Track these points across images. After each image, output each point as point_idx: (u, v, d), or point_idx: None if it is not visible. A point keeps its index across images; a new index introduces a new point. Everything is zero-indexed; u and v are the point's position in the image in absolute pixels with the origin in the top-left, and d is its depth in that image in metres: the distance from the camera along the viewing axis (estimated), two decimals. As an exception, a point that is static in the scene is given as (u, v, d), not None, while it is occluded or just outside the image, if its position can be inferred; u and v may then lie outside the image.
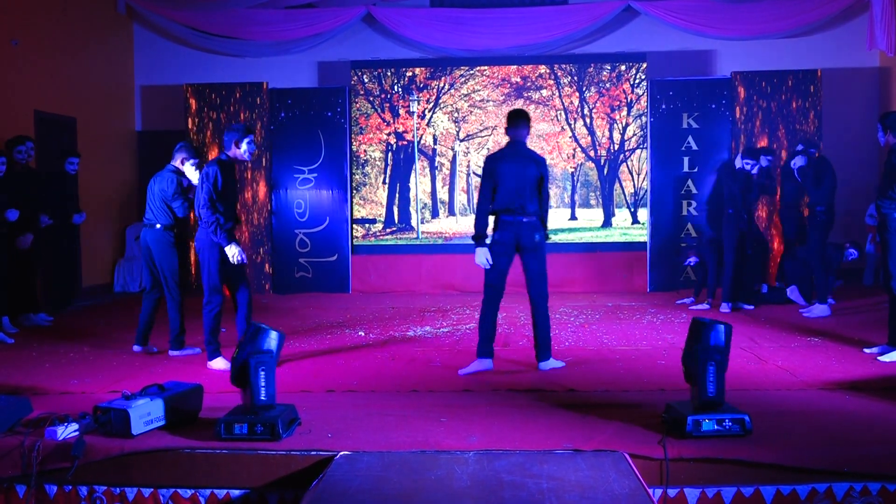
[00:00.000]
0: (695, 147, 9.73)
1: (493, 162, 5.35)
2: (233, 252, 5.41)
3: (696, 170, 9.71)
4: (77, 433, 3.81)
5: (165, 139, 10.84)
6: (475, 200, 10.24)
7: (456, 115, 10.19)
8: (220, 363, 5.52)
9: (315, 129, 10.02)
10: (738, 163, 7.90)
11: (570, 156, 10.13)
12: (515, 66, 10.15)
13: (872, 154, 9.71)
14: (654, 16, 10.12)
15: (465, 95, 10.18)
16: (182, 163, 6.29)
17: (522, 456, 3.56)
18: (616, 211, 10.08)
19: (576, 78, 10.07)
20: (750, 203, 7.88)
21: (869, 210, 9.41)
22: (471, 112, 10.20)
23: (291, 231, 10.04)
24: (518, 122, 5.41)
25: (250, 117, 9.95)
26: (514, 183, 5.26)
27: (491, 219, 5.46)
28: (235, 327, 5.69)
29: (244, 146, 5.51)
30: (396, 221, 10.25)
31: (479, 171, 10.19)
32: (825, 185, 7.36)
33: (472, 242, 5.46)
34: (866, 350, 5.67)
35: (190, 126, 10.01)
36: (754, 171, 7.87)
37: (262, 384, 3.80)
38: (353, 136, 10.16)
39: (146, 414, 3.87)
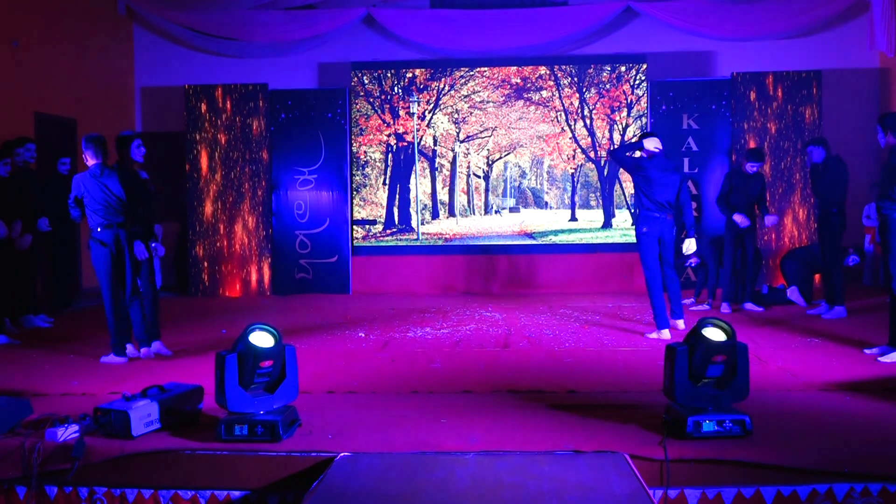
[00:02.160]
0: (695, 148, 9.74)
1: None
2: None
3: (696, 171, 9.72)
4: (77, 434, 3.82)
5: (165, 140, 10.89)
6: (475, 201, 10.29)
7: (456, 116, 10.20)
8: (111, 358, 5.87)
9: (315, 131, 10.02)
10: (749, 168, 7.84)
11: (570, 157, 10.13)
12: (515, 68, 10.15)
13: (872, 155, 9.71)
14: (654, 17, 10.13)
15: (465, 97, 10.19)
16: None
17: (523, 457, 3.57)
18: (616, 212, 10.08)
19: (576, 79, 10.08)
20: (744, 205, 7.84)
21: (865, 211, 9.42)
22: (471, 113, 10.20)
23: (291, 232, 10.04)
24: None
25: (250, 118, 9.96)
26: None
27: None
28: (232, 328, 5.67)
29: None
30: (396, 222, 10.25)
31: (479, 173, 10.26)
32: (841, 187, 7.32)
33: (473, 244, 5.63)
34: (866, 351, 5.67)
35: (190, 127, 10.01)
36: (753, 171, 7.84)
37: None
38: (353, 137, 10.16)
39: (146, 415, 3.87)
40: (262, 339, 3.80)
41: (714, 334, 3.78)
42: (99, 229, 5.90)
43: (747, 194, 7.81)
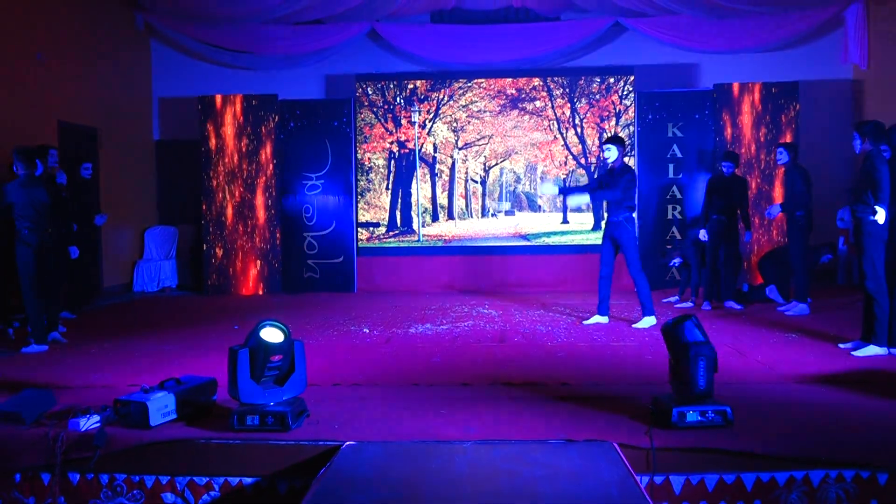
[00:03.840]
0: (679, 155, 9.74)
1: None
2: None
3: (680, 176, 9.73)
4: (98, 425, 3.81)
5: (182, 148, 10.90)
6: (473, 205, 10.29)
7: (455, 124, 10.20)
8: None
9: (322, 138, 10.02)
10: (724, 168, 7.90)
11: (562, 163, 10.14)
12: (511, 79, 10.16)
13: (846, 161, 9.71)
14: (642, 31, 10.14)
15: (464, 106, 10.19)
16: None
17: (518, 445, 3.56)
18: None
19: (567, 90, 10.08)
20: (724, 208, 7.85)
21: (839, 214, 9.42)
22: (469, 122, 10.20)
23: (300, 234, 10.04)
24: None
25: (261, 126, 9.95)
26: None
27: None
28: (242, 324, 5.67)
29: None
30: (399, 225, 10.25)
31: (477, 178, 10.26)
32: (804, 190, 7.31)
33: (471, 245, 5.64)
34: (841, 345, 5.67)
35: (205, 135, 10.01)
36: (728, 172, 7.87)
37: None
38: (357, 144, 10.16)
39: (164, 406, 3.87)
40: (272, 334, 3.80)
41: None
42: (26, 232, 6.15)
43: (728, 196, 7.83)
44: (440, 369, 5.24)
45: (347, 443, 3.62)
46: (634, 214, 6.98)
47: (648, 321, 6.78)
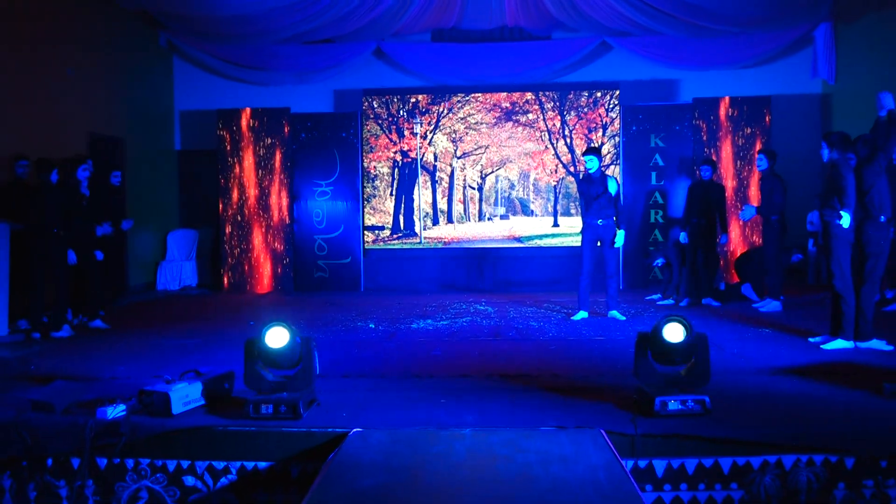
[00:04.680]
0: (661, 163, 9.75)
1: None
2: None
3: (662, 183, 9.72)
4: (124, 413, 3.81)
5: (201, 157, 10.90)
6: (471, 210, 10.29)
7: (454, 135, 10.20)
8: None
9: (331, 149, 10.02)
10: (702, 173, 7.90)
11: (552, 171, 10.13)
12: (505, 93, 10.16)
13: (815, 169, 9.71)
14: (627, 49, 10.16)
15: (462, 119, 10.19)
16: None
17: (512, 433, 3.56)
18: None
19: (558, 103, 10.08)
20: (702, 211, 7.83)
21: (809, 217, 9.43)
22: (467, 133, 10.20)
23: (311, 237, 10.04)
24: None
25: (274, 137, 9.95)
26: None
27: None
28: (257, 320, 5.67)
29: None
30: (402, 228, 10.25)
31: (474, 185, 10.26)
32: (781, 198, 7.29)
33: (468, 247, 5.67)
34: (811, 339, 5.67)
35: (223, 145, 10.00)
36: (706, 176, 7.87)
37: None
38: (364, 154, 10.16)
39: (184, 396, 3.87)
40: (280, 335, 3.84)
41: (673, 333, 3.75)
42: (35, 231, 6.46)
43: (706, 200, 7.81)
44: (440, 362, 5.23)
45: (355, 430, 3.61)
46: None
47: (618, 314, 7.01)
